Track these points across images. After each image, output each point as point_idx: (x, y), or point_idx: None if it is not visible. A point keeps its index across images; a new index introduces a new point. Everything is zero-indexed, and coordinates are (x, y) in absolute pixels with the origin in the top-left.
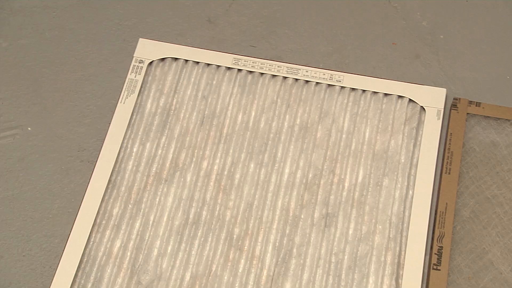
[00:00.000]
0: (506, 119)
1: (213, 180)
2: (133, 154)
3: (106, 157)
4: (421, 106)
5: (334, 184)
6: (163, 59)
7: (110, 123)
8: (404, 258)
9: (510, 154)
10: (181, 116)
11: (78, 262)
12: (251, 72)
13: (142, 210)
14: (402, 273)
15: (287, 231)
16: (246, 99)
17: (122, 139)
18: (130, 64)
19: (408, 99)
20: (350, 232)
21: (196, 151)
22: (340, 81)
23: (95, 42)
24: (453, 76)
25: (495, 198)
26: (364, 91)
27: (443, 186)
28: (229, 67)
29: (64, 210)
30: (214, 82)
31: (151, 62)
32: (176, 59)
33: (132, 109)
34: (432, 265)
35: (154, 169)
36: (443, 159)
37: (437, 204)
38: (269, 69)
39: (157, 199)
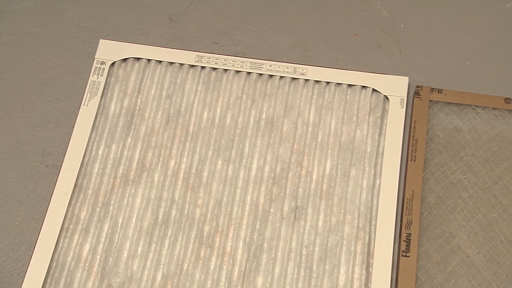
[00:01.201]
0: (468, 105)
1: (181, 178)
2: (99, 156)
3: (71, 161)
4: (385, 95)
5: (302, 176)
6: (125, 60)
7: (73, 127)
8: (374, 246)
9: (473, 139)
10: (146, 116)
11: (47, 268)
12: (214, 69)
13: (110, 213)
14: (372, 262)
15: (257, 226)
16: (211, 96)
17: (86, 142)
18: (92, 66)
19: (371, 89)
20: (320, 223)
21: (162, 150)
22: (304, 74)
23: (55, 45)
24: (415, 64)
25: (460, 183)
26: (328, 83)
27: (409, 173)
28: (192, 65)
29: (30, 216)
30: (178, 81)
31: (113, 63)
32: (138, 59)
33: (95, 111)
34: (401, 252)
35: (120, 171)
36: (408, 147)
37: (404, 192)
38: (232, 65)
39: (125, 201)
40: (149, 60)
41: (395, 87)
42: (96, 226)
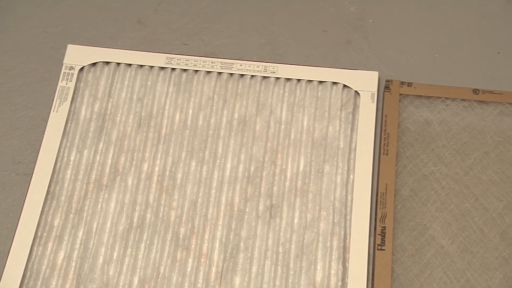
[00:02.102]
0: (438, 97)
1: (155, 181)
2: (71, 162)
3: (42, 168)
4: (355, 91)
5: (276, 175)
6: (94, 64)
7: (44, 133)
8: (350, 241)
9: (444, 131)
10: (117, 120)
11: (21, 277)
12: (185, 70)
13: (84, 219)
14: (349, 257)
15: (233, 226)
16: (182, 97)
17: (58, 148)
18: (61, 72)
19: (342, 85)
20: (295, 221)
21: (135, 154)
22: (274, 72)
23: (23, 52)
24: (384, 59)
25: (432, 175)
26: (299, 80)
27: (382, 167)
28: (162, 67)
29: (2, 226)
30: (149, 83)
31: (82, 68)
32: (107, 63)
33: (66, 117)
34: (376, 245)
35: (93, 176)
36: (380, 141)
37: (378, 186)
38: (203, 66)
39: (99, 206)
40: (118, 63)
41: (366, 82)
42: (70, 232)
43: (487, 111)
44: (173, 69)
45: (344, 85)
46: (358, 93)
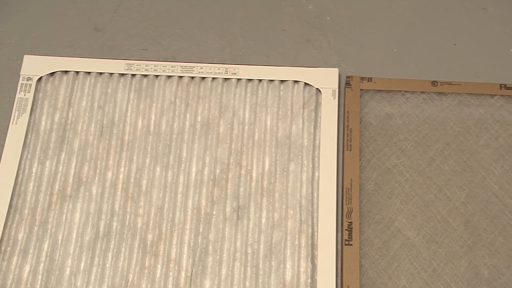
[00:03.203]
0: (397, 90)
1: (119, 189)
2: (33, 174)
3: (3, 181)
4: (317, 88)
5: (242, 176)
6: (52, 74)
7: (3, 146)
8: (317, 238)
9: (405, 124)
10: (78, 129)
11: None
12: (145, 75)
13: (49, 231)
14: (317, 253)
15: (201, 230)
16: (144, 103)
17: (18, 160)
18: (18, 83)
19: (303, 83)
20: (263, 221)
21: (98, 162)
22: (235, 73)
23: None
24: (344, 55)
25: (395, 168)
26: (260, 80)
27: (346, 163)
28: (122, 73)
29: None
30: (109, 91)
31: (40, 78)
32: (66, 72)
33: (25, 129)
34: (344, 241)
35: (57, 187)
36: (343, 137)
37: (343, 181)
38: (163, 71)
39: (64, 217)
40: (77, 72)
41: (326, 79)
42: (35, 246)
43: (446, 102)
44: (133, 75)
45: (306, 83)
46: (320, 90)
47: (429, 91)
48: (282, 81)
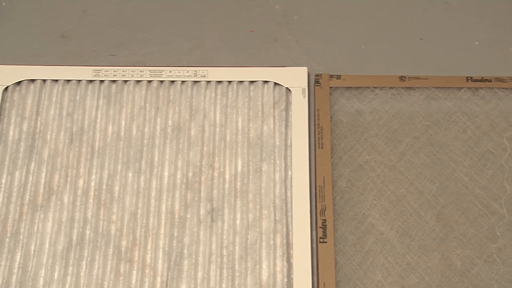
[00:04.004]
0: (366, 87)
1: (91, 196)
2: (2, 185)
3: None
4: (287, 88)
5: (215, 178)
6: (19, 83)
7: None
8: (292, 237)
9: (375, 120)
10: (47, 138)
11: None
12: (114, 81)
13: (20, 242)
14: (292, 252)
15: (175, 234)
16: (113, 109)
17: None
18: None
19: (273, 83)
20: (237, 222)
21: (69, 170)
22: (205, 76)
23: None
24: (312, 54)
25: (367, 164)
26: (230, 82)
27: (318, 161)
28: (90, 80)
29: None
30: (78, 98)
31: (6, 88)
32: (33, 80)
33: None
34: (319, 238)
35: (27, 197)
36: (314, 135)
37: (315, 179)
38: (132, 76)
39: (35, 227)
40: (44, 80)
41: (296, 78)
42: (7, 257)
43: (414, 97)
44: (101, 81)
45: (275, 83)
46: (290, 89)
47: (397, 87)
48: (251, 81)
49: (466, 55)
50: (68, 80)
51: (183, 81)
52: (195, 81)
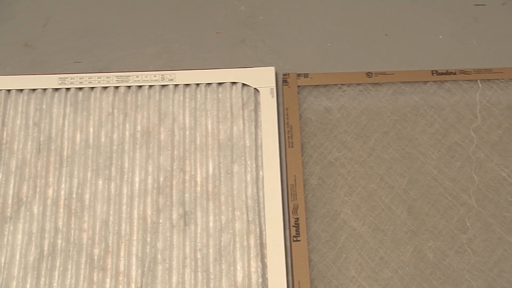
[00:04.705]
0: (334, 84)
1: (62, 206)
2: None
3: None
4: (255, 88)
5: (187, 181)
6: None
7: None
8: (266, 237)
9: (343, 116)
10: (14, 148)
11: None
12: (80, 88)
13: None
14: (266, 252)
15: (148, 239)
16: (81, 116)
17: None
18: None
19: (241, 84)
20: (211, 225)
21: (38, 180)
22: (172, 79)
23: None
24: (279, 53)
25: (337, 161)
26: (198, 84)
27: (289, 160)
28: (56, 88)
29: None
30: (44, 107)
31: None
32: None
33: None
34: (292, 237)
35: None
36: (284, 134)
37: (287, 178)
38: (98, 82)
39: (5, 239)
40: (9, 90)
41: (264, 78)
42: None
43: (381, 92)
44: (67, 89)
45: (243, 84)
46: (258, 90)
47: (364, 83)
48: (219, 83)
49: (431, 49)
50: (34, 89)
51: (150, 86)
52: (163, 85)
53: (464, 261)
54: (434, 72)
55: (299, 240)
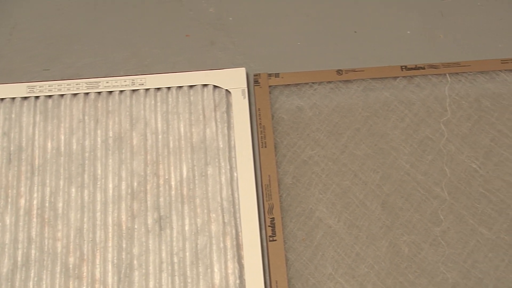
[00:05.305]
0: (305, 83)
1: (34, 215)
2: None
3: None
4: (226, 90)
5: (161, 186)
6: None
7: None
8: (242, 238)
9: (315, 115)
10: None
11: None
12: (50, 96)
13: None
14: (243, 253)
15: (124, 245)
16: (51, 125)
17: None
18: None
19: (212, 86)
20: (186, 228)
21: (9, 190)
22: (143, 84)
23: None
24: (250, 54)
25: (311, 159)
26: (169, 88)
27: (262, 160)
28: (25, 97)
29: None
30: (13, 116)
31: None
32: None
33: None
34: (268, 237)
35: None
36: (257, 135)
37: (261, 179)
38: (68, 89)
39: None
40: None
41: (235, 79)
42: None
43: (352, 89)
44: (36, 97)
45: (215, 86)
46: (229, 91)
47: (335, 80)
48: (191, 86)
49: (400, 44)
50: (2, 99)
51: (121, 91)
52: (134, 90)
53: (439, 254)
54: (403, 67)
55: (275, 240)
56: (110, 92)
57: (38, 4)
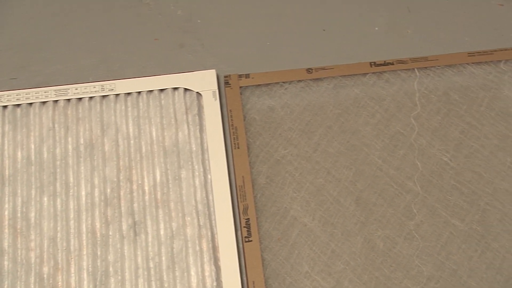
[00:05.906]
0: (276, 83)
1: (6, 226)
2: None
3: None
4: (197, 92)
5: (134, 191)
6: None
7: None
8: (218, 240)
9: (287, 114)
10: None
11: None
12: (18, 105)
13: None
14: (219, 255)
15: (99, 253)
16: (20, 134)
17: None
18: None
19: (183, 89)
20: (161, 232)
21: None
22: (112, 89)
23: None
24: (220, 56)
25: (284, 158)
26: (139, 92)
27: (236, 161)
28: None
29: None
30: None
31: None
32: None
33: None
34: (244, 238)
35: None
36: (230, 136)
37: (235, 180)
38: (36, 97)
39: None
40: None
41: (205, 81)
42: None
43: (323, 87)
44: (4, 106)
45: (185, 89)
46: (200, 93)
47: (305, 79)
48: (161, 90)
49: (368, 41)
50: None
51: (91, 97)
52: (103, 96)
53: (413, 247)
54: (373, 63)
55: (251, 241)
56: (80, 98)
57: (3, 12)
